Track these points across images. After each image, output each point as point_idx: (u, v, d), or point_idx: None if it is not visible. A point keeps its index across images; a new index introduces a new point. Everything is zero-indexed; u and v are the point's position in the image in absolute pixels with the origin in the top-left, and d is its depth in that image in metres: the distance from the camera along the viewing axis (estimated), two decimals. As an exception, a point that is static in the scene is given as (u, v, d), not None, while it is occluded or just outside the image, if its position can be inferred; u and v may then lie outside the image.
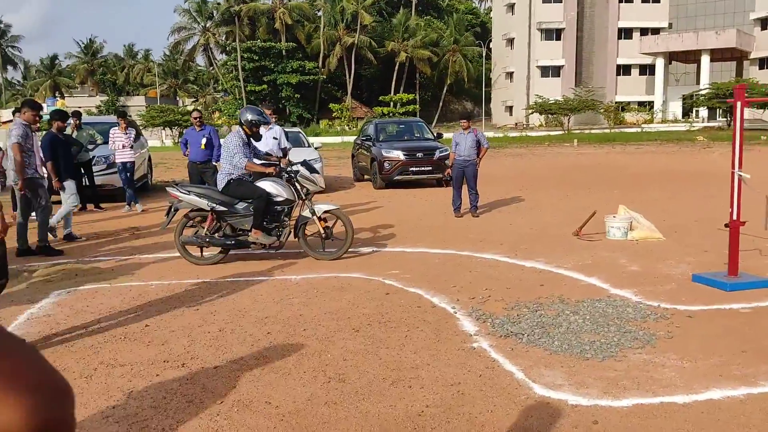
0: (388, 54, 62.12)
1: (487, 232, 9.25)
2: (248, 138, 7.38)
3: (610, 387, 3.77)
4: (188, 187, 7.52)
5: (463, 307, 5.43)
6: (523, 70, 60.84)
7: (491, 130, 54.14)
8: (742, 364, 4.10)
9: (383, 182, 15.53)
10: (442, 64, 64.87)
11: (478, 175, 11.02)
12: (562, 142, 36.08)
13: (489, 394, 3.68)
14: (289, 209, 7.37)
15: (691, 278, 6.27)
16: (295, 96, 57.92)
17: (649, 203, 11.54)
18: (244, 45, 56.48)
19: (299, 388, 3.77)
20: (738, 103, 5.95)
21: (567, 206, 11.46)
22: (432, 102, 68.38)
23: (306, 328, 4.92)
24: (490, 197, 13.33)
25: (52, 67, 71.96)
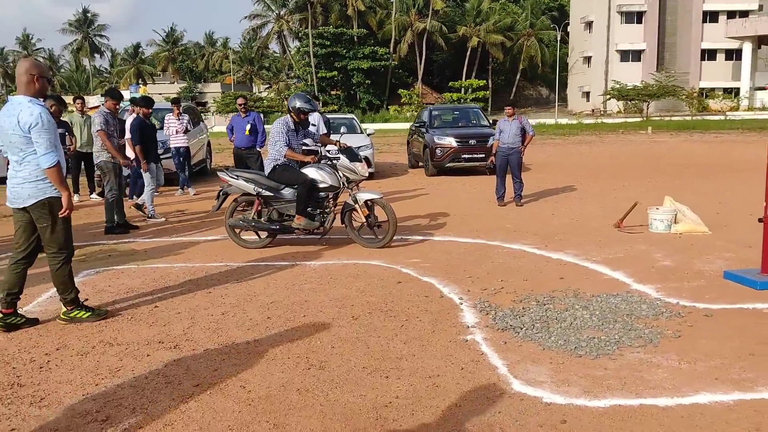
0: (459, 39, 61.44)
1: (525, 221, 9.05)
2: (296, 125, 7.44)
3: (592, 386, 3.63)
4: (237, 172, 7.60)
5: (472, 298, 5.35)
6: (602, 54, 58.93)
7: (566, 116, 52.84)
8: (744, 367, 3.87)
9: (435, 169, 15.42)
10: (516, 49, 63.65)
11: (523, 162, 10.77)
12: (637, 129, 34.80)
13: (464, 388, 3.62)
14: (334, 195, 7.41)
15: (723, 275, 5.95)
16: (365, 82, 58.11)
17: (708, 194, 11.03)
18: (316, 31, 57.00)
19: (278, 374, 3.81)
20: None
21: (620, 196, 11.06)
22: (505, 87, 67.27)
23: (306, 314, 4.96)
24: (542, 186, 13.06)
25: (135, 55, 74.86)
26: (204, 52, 79.72)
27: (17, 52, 77.60)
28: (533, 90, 74.91)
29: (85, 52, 75.60)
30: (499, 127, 10.76)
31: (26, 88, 4.50)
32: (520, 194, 10.72)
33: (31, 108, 4.42)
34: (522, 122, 10.71)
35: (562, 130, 36.20)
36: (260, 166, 10.81)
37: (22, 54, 77.02)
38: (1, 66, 76.00)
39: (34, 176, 4.50)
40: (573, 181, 13.84)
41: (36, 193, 4.51)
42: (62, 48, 78.61)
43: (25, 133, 4.41)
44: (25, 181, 4.51)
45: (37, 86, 4.53)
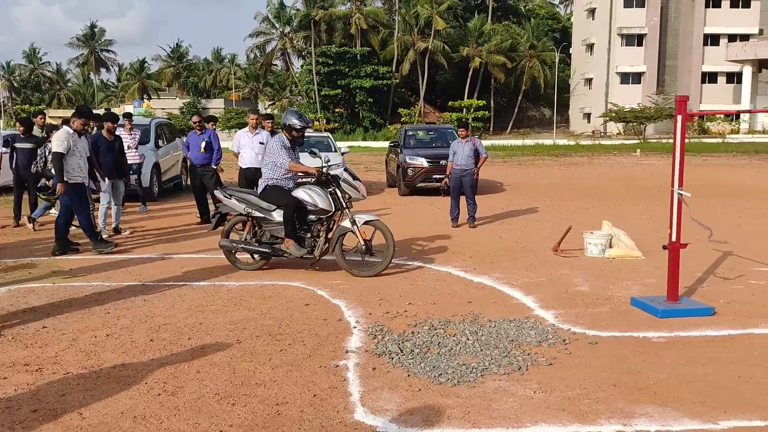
0: (462, 59, 61.70)
1: (470, 243, 9.04)
2: (291, 143, 7.20)
3: (434, 415, 3.61)
4: (231, 191, 7.41)
5: (368, 322, 5.34)
6: (602, 76, 59.05)
7: (567, 137, 52.85)
8: (598, 399, 3.84)
9: (407, 189, 15.45)
10: (518, 70, 63.84)
11: (478, 183, 10.78)
12: (630, 151, 34.75)
13: (306, 416, 3.60)
14: (326, 219, 7.06)
15: (630, 301, 5.92)
16: (368, 100, 58.37)
17: (666, 218, 10.97)
18: (320, 49, 57.43)
19: (124, 400, 3.81)
20: (679, 117, 5.57)
21: (578, 219, 11.00)
22: (507, 108, 67.45)
23: (192, 337, 4.96)
24: (507, 207, 13.07)
25: (141, 70, 75.64)
26: (212, 68, 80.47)
27: (24, 66, 78.62)
28: (536, 111, 75.01)
29: (90, 66, 76.45)
30: (453, 149, 10.78)
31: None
32: (474, 216, 10.71)
33: None
34: (475, 144, 10.74)
35: (557, 151, 36.20)
36: (216, 183, 10.85)
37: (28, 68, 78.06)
38: (8, 79, 76.95)
39: None
40: (539, 202, 13.83)
41: None
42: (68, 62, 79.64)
43: None
44: None
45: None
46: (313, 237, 7.01)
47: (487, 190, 16.58)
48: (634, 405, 3.76)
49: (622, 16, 56.40)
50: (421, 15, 59.13)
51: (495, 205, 13.41)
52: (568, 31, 70.21)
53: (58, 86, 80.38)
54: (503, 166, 26.45)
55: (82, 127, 8.33)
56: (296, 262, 7.34)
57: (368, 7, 61.06)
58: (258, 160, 9.69)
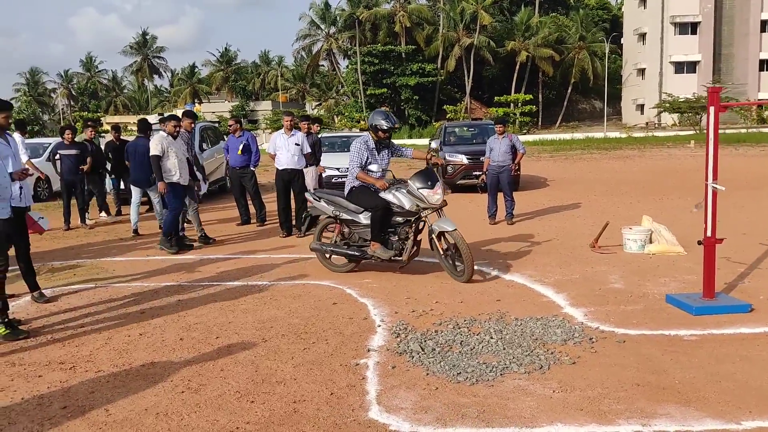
0: (508, 54, 61.04)
1: (504, 240, 8.96)
2: (377, 144, 6.94)
3: (448, 414, 3.61)
4: (320, 194, 7.35)
5: (393, 320, 5.35)
6: (656, 66, 57.58)
7: (619, 129, 51.69)
8: (619, 399, 3.76)
9: (447, 186, 15.39)
10: (567, 62, 62.78)
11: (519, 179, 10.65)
12: (684, 143, 33.78)
13: (323, 414, 3.64)
14: (415, 221, 6.74)
15: (665, 299, 5.78)
16: (413, 98, 58.34)
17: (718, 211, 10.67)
18: (365, 49, 57.65)
19: (149, 397, 3.92)
20: (711, 108, 5.41)
21: (621, 214, 10.78)
22: (556, 101, 66.43)
23: (220, 336, 5.07)
24: (549, 203, 12.90)
25: (192, 75, 77.27)
26: (260, 70, 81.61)
27: (81, 74, 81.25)
28: (586, 104, 73.59)
29: (144, 73, 78.53)
30: (489, 145, 10.69)
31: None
32: (512, 212, 10.60)
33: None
34: (512, 140, 10.63)
35: (608, 144, 35.48)
36: (254, 184, 11.03)
37: (85, 75, 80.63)
38: (66, 87, 79.67)
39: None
40: (583, 197, 13.59)
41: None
42: (123, 69, 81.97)
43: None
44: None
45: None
46: (401, 240, 6.73)
47: (529, 186, 16.39)
48: (655, 405, 3.67)
49: (675, 4, 54.84)
50: (467, 10, 58.71)
51: (536, 201, 13.24)
52: (619, 21, 68.62)
53: (114, 93, 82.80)
54: (549, 161, 26.09)
55: (174, 130, 8.75)
56: (386, 266, 7.06)
57: (412, 4, 60.94)
58: (294, 161, 9.80)
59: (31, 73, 77.97)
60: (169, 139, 8.66)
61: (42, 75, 79.10)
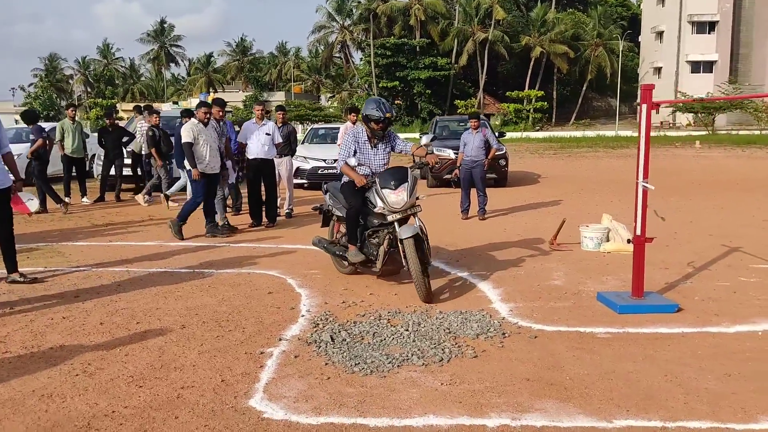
0: (523, 49, 60.65)
1: (469, 235, 8.96)
2: (371, 137, 6.21)
3: (327, 404, 3.63)
4: (328, 186, 6.82)
5: (320, 311, 5.39)
6: (672, 65, 56.99)
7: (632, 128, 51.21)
8: (502, 393, 3.77)
9: (434, 180, 15.42)
10: (583, 59, 62.25)
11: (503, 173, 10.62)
12: (692, 142, 33.41)
13: (203, 401, 3.68)
14: (389, 225, 5.95)
15: (596, 296, 5.76)
16: (426, 92, 58.20)
17: (689, 213, 10.61)
18: (378, 42, 57.61)
19: (42, 379, 3.98)
20: (643, 106, 5.37)
21: (598, 212, 10.70)
22: (571, 98, 65.91)
23: (141, 321, 5.13)
24: (532, 199, 12.91)
25: (207, 65, 77.70)
26: (277, 61, 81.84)
27: (98, 61, 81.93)
28: (602, 101, 73.02)
29: (160, 61, 79.08)
30: (463, 140, 10.68)
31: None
32: (484, 208, 10.59)
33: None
34: (486, 135, 10.60)
35: (616, 142, 35.16)
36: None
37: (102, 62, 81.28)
38: (83, 74, 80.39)
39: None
40: (567, 195, 13.55)
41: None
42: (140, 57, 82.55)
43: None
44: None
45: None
46: (375, 245, 6.10)
47: (518, 183, 16.36)
48: (535, 400, 3.68)
49: (693, 2, 54.16)
50: (482, 5, 58.41)
51: (518, 198, 13.23)
52: (638, 19, 67.90)
53: (131, 80, 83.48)
54: (550, 159, 25.97)
55: (204, 117, 8.79)
56: (399, 276, 6.46)
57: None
58: (264, 151, 9.80)
59: (50, 59, 78.83)
60: (200, 126, 8.73)
61: (60, 61, 79.98)
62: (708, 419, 3.44)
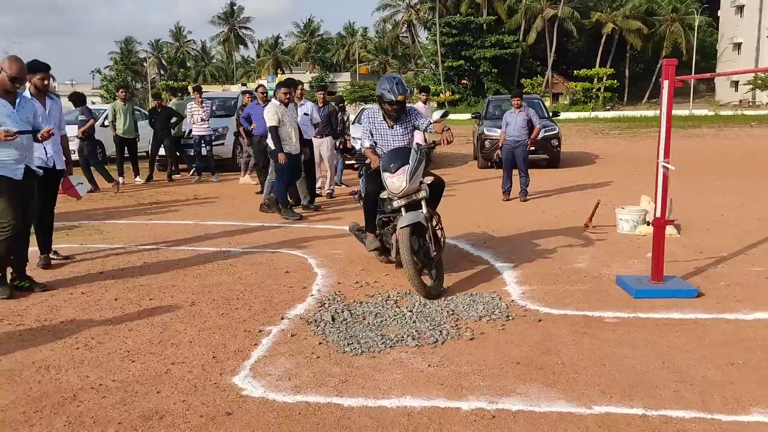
0: (594, 25, 58.83)
1: (504, 217, 8.82)
2: (387, 118, 5.69)
3: (308, 383, 3.66)
4: (364, 170, 6.20)
5: (330, 290, 5.42)
6: (753, 41, 54.22)
7: (708, 107, 49.06)
8: (487, 376, 3.71)
9: (485, 161, 15.21)
10: (658, 35, 59.90)
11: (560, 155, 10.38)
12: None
13: (189, 376, 3.75)
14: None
15: (615, 280, 5.57)
16: (492, 71, 57.31)
17: (738, 195, 10.13)
18: (444, 20, 56.96)
19: (44, 352, 4.14)
20: (665, 82, 5.11)
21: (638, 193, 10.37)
22: (644, 76, 63.64)
23: (154, 298, 5.28)
24: (580, 180, 12.61)
25: (275, 46, 78.73)
26: (344, 42, 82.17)
27: (170, 44, 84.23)
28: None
29: (230, 43, 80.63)
30: (505, 120, 10.46)
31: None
32: (526, 189, 10.38)
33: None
34: (529, 114, 10.35)
35: (688, 122, 33.81)
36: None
37: (174, 45, 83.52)
38: (156, 56, 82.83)
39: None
40: (619, 176, 13.14)
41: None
42: (210, 39, 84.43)
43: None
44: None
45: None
46: (389, 234, 5.75)
47: (573, 163, 15.97)
48: (519, 384, 3.60)
49: (778, -28, 51.21)
50: (551, -19, 56.91)
51: (568, 179, 12.91)
52: (716, -9, 64.67)
53: (202, 63, 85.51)
54: (614, 139, 25.23)
55: (285, 98, 8.84)
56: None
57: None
58: (303, 131, 9.88)
59: (126, 42, 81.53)
60: (282, 108, 8.74)
61: (135, 44, 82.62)
62: (694, 409, 3.29)
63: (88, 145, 11.62)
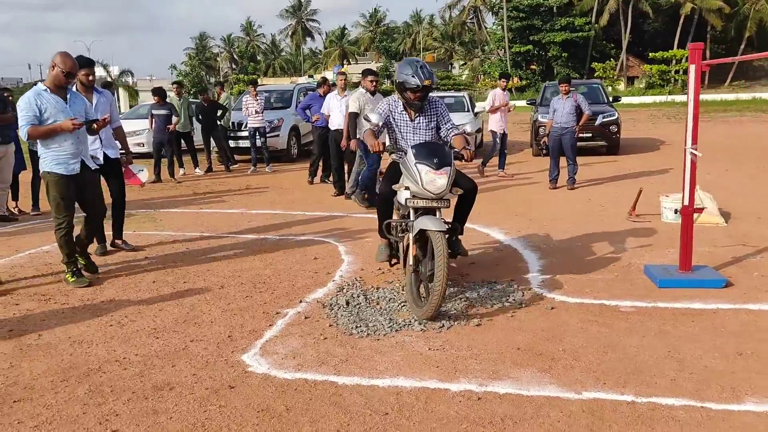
0: (671, 6, 56.56)
1: (547, 205, 8.77)
2: (406, 107, 5.01)
3: (310, 362, 3.81)
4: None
5: (353, 276, 5.57)
6: None
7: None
8: (483, 360, 3.78)
9: (539, 149, 15.01)
10: (741, 14, 57.05)
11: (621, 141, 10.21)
12: None
13: (203, 353, 3.98)
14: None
15: (644, 269, 5.49)
16: (562, 55, 55.95)
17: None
18: (512, 3, 55.92)
19: (81, 328, 4.46)
20: (692, 67, 4.99)
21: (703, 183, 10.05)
22: (727, 57, 60.62)
23: (188, 281, 5.56)
24: (635, 168, 12.33)
25: (342, 37, 79.38)
26: (411, 30, 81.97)
27: (241, 38, 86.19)
28: (765, 60, 66.60)
29: (298, 36, 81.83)
30: (552, 106, 10.34)
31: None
32: (574, 177, 10.24)
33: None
34: (577, 100, 10.20)
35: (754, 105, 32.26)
36: None
37: (245, 40, 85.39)
38: (229, 51, 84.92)
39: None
40: (678, 163, 12.64)
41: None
42: (279, 32, 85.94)
43: None
44: None
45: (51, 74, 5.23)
46: (398, 237, 5.01)
47: (634, 150, 15.57)
48: (514, 368, 3.65)
49: None
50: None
51: (624, 166, 12.64)
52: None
53: (272, 56, 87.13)
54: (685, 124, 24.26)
55: (371, 86, 9.04)
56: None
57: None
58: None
59: (200, 38, 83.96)
60: (367, 96, 8.89)
61: (209, 39, 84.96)
62: (686, 397, 3.27)
63: (158, 137, 12.21)
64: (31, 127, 5.17)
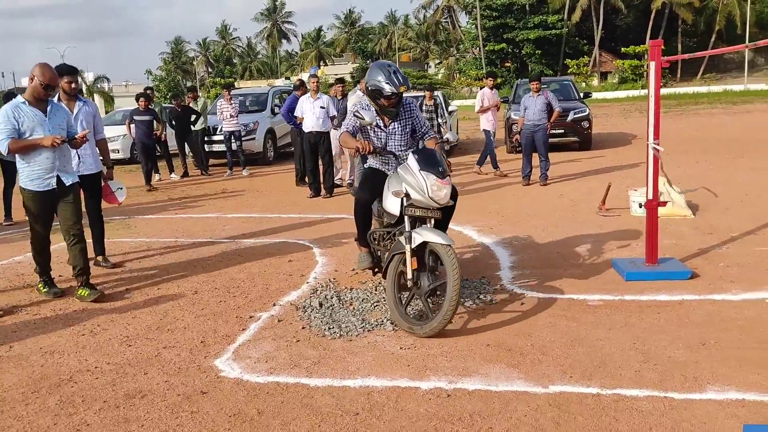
0: (642, 0, 57.21)
1: (519, 202, 8.86)
2: (378, 111, 4.75)
3: (282, 365, 3.84)
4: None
5: (327, 278, 5.60)
6: (812, 8, 51.72)
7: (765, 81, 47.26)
8: (454, 358, 3.83)
9: (512, 147, 15.13)
10: (711, 8, 57.87)
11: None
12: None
13: (176, 359, 3.99)
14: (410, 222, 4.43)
15: (611, 263, 5.59)
16: (536, 52, 56.37)
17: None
18: (485, 2, 56.22)
19: (53, 338, 4.45)
20: (652, 63, 5.09)
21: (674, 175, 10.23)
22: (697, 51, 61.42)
23: (161, 287, 5.56)
24: (607, 163, 12.46)
25: (317, 39, 79.28)
26: (386, 31, 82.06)
27: (217, 42, 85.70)
28: (735, 53, 67.56)
29: (274, 38, 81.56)
30: (524, 104, 10.44)
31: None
32: (546, 173, 10.35)
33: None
34: (548, 98, 10.31)
35: (740, 98, 32.76)
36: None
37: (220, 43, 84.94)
38: (204, 55, 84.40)
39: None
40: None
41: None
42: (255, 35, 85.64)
43: None
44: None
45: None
46: (381, 247, 4.85)
47: (606, 144, 15.75)
48: (483, 365, 3.71)
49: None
50: (595, -44, 55.51)
51: (596, 162, 12.78)
52: (773, -40, 61.96)
53: (248, 59, 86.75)
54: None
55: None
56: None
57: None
58: (319, 124, 10.11)
59: (176, 42, 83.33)
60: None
61: (184, 44, 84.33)
62: (650, 388, 3.35)
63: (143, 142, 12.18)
64: (11, 141, 5.00)
